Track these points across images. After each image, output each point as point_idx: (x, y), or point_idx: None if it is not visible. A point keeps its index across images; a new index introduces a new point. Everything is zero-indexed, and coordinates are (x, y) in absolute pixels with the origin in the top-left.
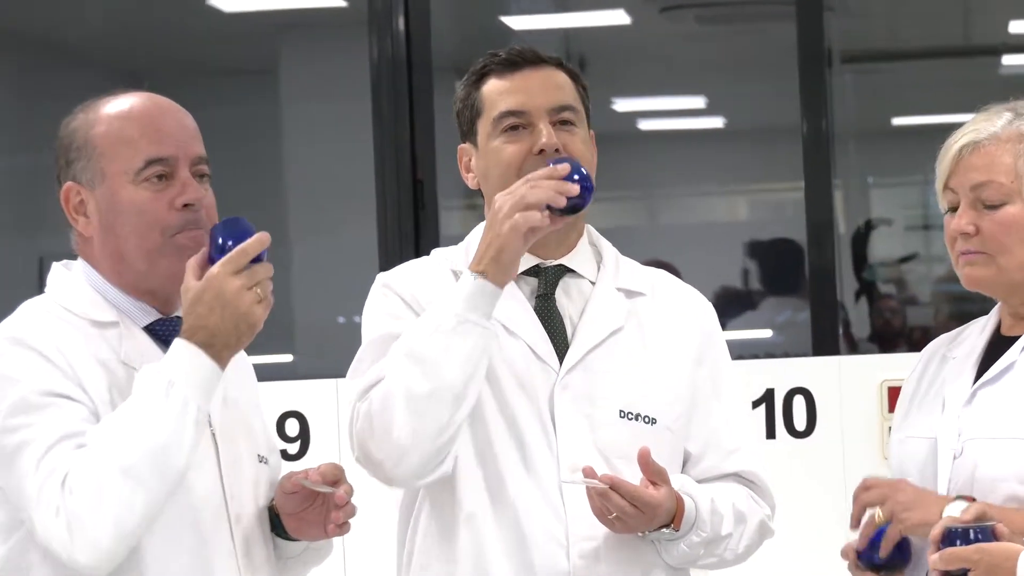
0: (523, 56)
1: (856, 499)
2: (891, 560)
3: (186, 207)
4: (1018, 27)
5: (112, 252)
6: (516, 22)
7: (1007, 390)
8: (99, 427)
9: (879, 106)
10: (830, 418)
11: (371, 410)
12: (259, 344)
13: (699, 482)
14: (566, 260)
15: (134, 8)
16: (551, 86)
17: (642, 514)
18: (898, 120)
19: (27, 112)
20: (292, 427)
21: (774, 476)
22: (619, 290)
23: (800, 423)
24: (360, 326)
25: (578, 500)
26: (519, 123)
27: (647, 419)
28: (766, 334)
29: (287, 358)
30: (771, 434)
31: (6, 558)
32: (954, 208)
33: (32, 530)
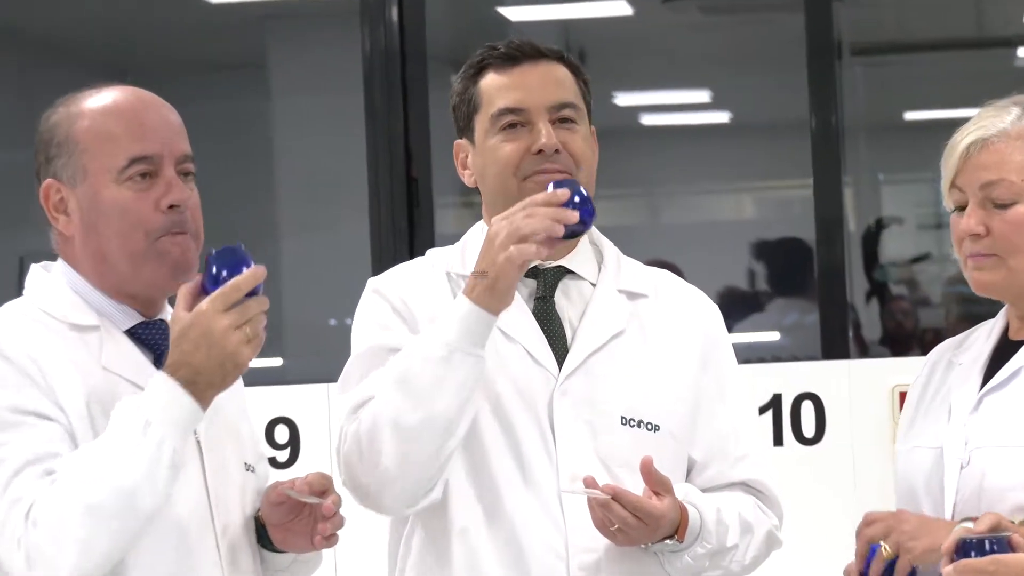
0: (522, 50)
1: (859, 535)
2: None
3: (171, 208)
4: None
5: (94, 252)
6: (514, 12)
7: (1015, 396)
8: (72, 458)
9: (890, 99)
10: (840, 424)
11: (359, 435)
12: None
13: (704, 491)
14: (566, 261)
15: (116, 0)
16: (551, 82)
17: (645, 526)
18: (910, 114)
19: (6, 107)
20: (281, 434)
21: (782, 484)
22: (620, 292)
23: (809, 429)
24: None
25: (578, 510)
26: (517, 121)
27: (650, 425)
28: (773, 337)
29: (276, 362)
30: (779, 441)
31: None
32: (961, 207)
33: None
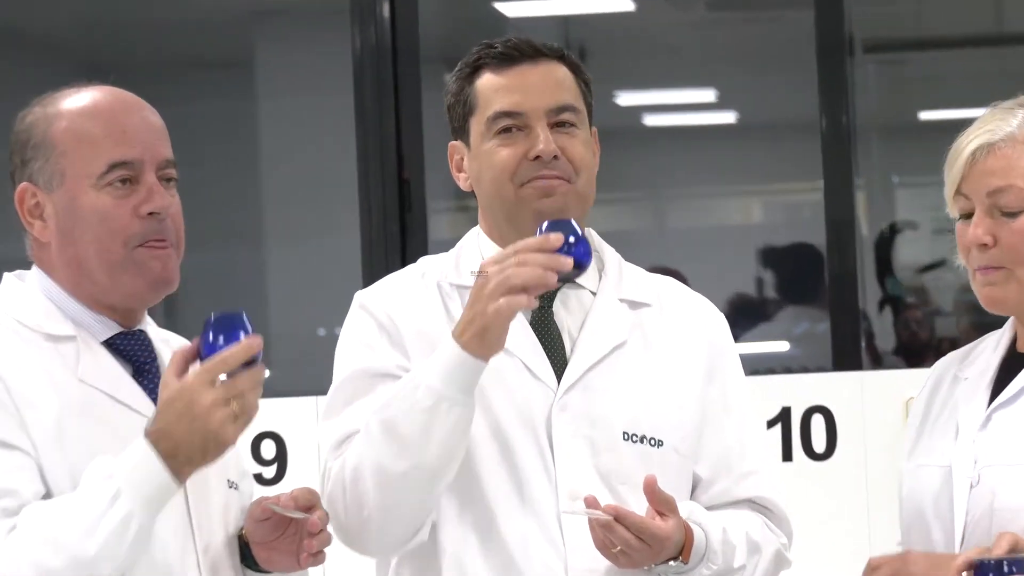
0: (520, 49)
1: None
2: None
3: (151, 215)
4: None
5: (70, 260)
6: (510, 8)
7: None
8: (37, 513)
9: (905, 98)
10: (852, 439)
11: (343, 478)
12: None
13: (709, 508)
14: None
15: None
16: (550, 84)
17: (648, 547)
18: (925, 114)
19: None
20: (268, 449)
21: (791, 502)
22: (622, 301)
23: (819, 444)
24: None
25: (578, 531)
26: (514, 125)
27: (653, 441)
28: (782, 347)
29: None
30: (787, 456)
31: None
32: (966, 215)
33: None
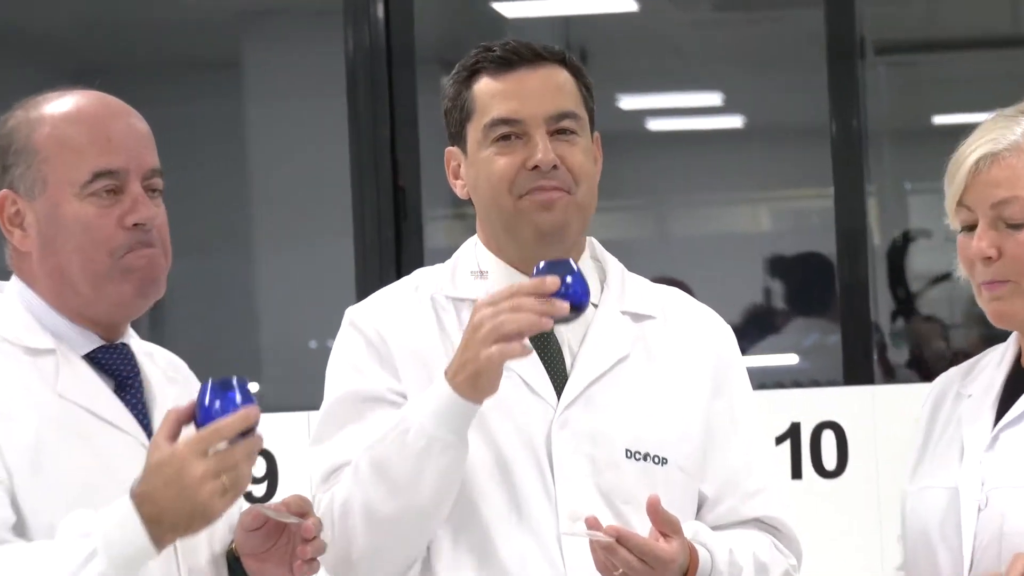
0: (519, 53)
1: None
2: None
3: (136, 226)
4: None
5: (52, 270)
6: (509, 8)
7: None
8: (8, 557)
9: (918, 102)
10: (863, 455)
11: (332, 515)
12: (221, 372)
13: (715, 528)
14: None
15: None
16: (550, 89)
17: (652, 570)
18: (939, 118)
19: None
20: (258, 466)
21: (800, 521)
22: (625, 313)
23: (830, 461)
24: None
25: (579, 553)
26: (512, 132)
27: (657, 459)
28: (791, 360)
29: (252, 388)
30: (797, 474)
31: None
32: (969, 227)
33: None
